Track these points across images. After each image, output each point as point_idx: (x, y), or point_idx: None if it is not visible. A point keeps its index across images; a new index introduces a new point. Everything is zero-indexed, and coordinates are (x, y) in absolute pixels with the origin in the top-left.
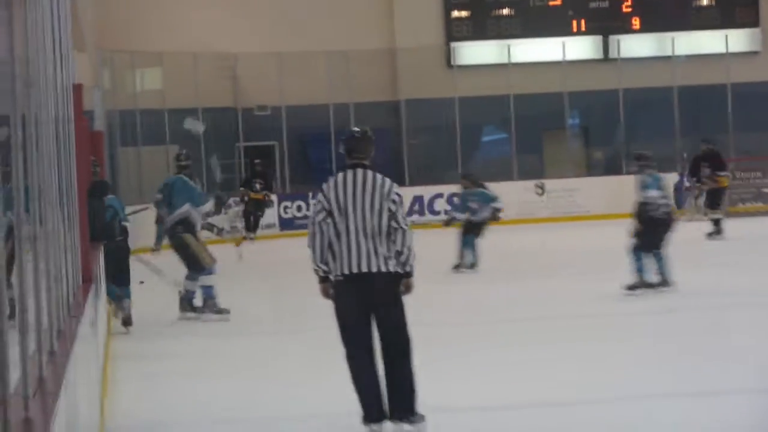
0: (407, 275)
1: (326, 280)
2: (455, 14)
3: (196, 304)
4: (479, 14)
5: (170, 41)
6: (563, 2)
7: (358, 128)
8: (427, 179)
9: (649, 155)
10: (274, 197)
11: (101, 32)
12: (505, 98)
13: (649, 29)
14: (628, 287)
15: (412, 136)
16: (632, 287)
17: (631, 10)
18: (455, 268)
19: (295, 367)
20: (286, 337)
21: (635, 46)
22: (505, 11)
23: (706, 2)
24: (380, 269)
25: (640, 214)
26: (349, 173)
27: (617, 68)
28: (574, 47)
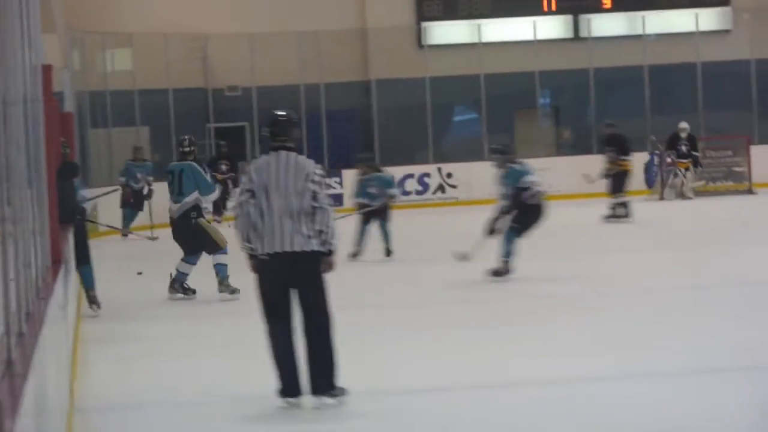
0: (329, 254)
1: (255, 257)
2: None
3: (187, 286)
4: None
5: (140, 22)
6: None
7: (282, 112)
8: (398, 159)
9: (507, 149)
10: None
11: (71, 13)
12: (475, 78)
13: (619, 8)
14: (494, 272)
15: (382, 116)
16: (498, 272)
17: None
18: (353, 256)
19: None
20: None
21: (606, 25)
22: None
23: None
24: (303, 248)
25: (516, 200)
26: (272, 155)
27: (588, 47)
28: (544, 27)
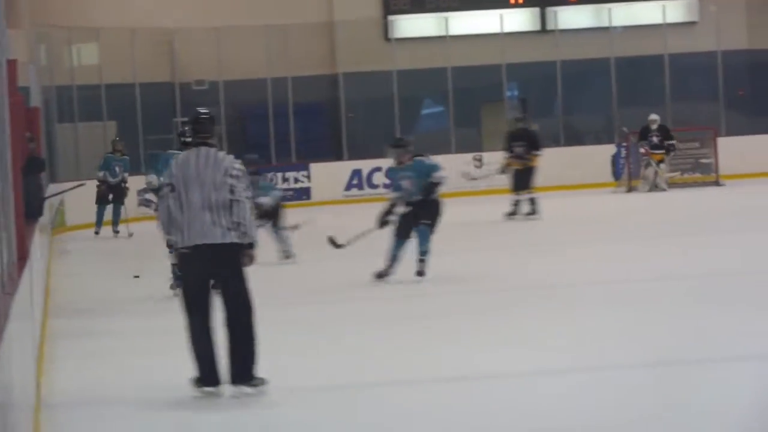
0: (249, 246)
1: (172, 246)
2: None
3: None
4: None
5: (107, 16)
6: None
7: (202, 110)
8: (365, 153)
9: (409, 142)
10: None
11: (37, 8)
12: (443, 71)
13: (586, 0)
14: (417, 273)
15: (350, 109)
16: (420, 273)
17: None
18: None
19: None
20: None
21: (572, 17)
22: None
23: None
24: (222, 240)
25: (428, 195)
26: (193, 151)
27: (555, 40)
28: (511, 19)
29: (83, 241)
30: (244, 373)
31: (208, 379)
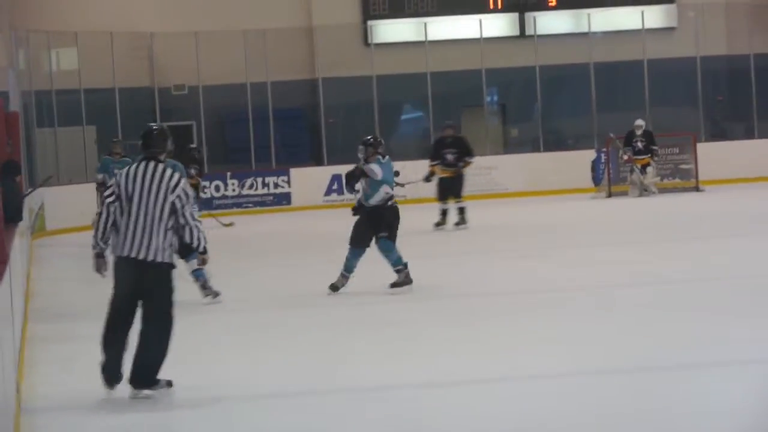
0: (203, 252)
1: (100, 256)
2: None
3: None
4: None
5: (86, 20)
6: None
7: (155, 125)
8: (345, 158)
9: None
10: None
11: (15, 12)
12: (422, 76)
13: (565, 6)
14: (393, 285)
15: (329, 114)
16: (398, 284)
17: None
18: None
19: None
20: (200, 317)
21: (552, 23)
22: None
23: None
24: (154, 259)
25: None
26: (141, 164)
27: (534, 45)
28: (490, 24)
29: (63, 246)
30: (147, 379)
31: (110, 382)
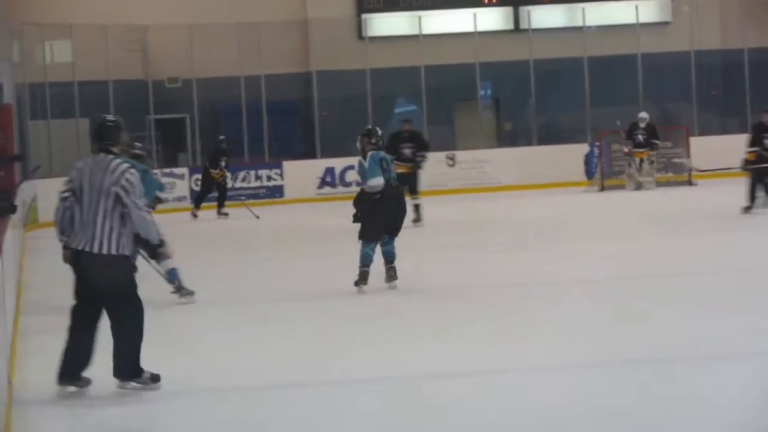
0: (161, 244)
1: (66, 248)
2: None
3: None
4: None
5: (80, 13)
6: None
7: (109, 117)
8: (338, 151)
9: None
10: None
11: (10, 4)
12: (416, 69)
13: (559, 0)
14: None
15: (323, 107)
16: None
17: None
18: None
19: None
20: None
21: (546, 16)
22: None
23: None
24: (99, 251)
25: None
26: (92, 157)
27: (528, 39)
28: (485, 18)
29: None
30: (129, 372)
31: (64, 378)
